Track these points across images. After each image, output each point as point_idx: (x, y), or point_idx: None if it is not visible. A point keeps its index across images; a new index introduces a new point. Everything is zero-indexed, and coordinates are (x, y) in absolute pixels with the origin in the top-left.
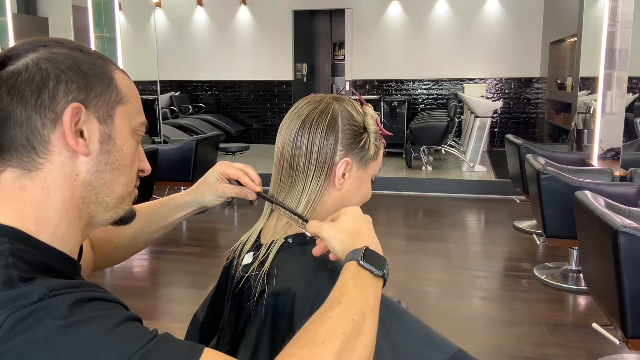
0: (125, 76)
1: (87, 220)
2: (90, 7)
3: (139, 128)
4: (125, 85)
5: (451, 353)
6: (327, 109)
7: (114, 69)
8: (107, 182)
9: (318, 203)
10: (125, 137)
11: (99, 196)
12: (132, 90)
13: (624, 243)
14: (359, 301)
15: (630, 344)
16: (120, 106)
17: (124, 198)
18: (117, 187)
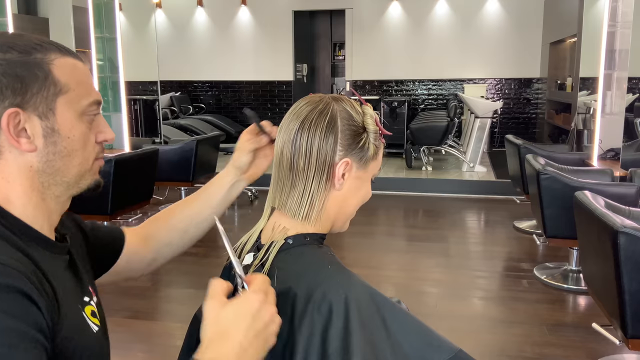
0: (67, 60)
1: (53, 198)
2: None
3: (88, 109)
4: (65, 73)
5: (451, 354)
6: (325, 109)
7: (53, 58)
8: (60, 167)
9: (321, 204)
10: (71, 124)
11: (56, 179)
12: (74, 75)
13: (623, 243)
14: None
15: (630, 343)
16: (60, 97)
17: (82, 175)
18: (71, 169)
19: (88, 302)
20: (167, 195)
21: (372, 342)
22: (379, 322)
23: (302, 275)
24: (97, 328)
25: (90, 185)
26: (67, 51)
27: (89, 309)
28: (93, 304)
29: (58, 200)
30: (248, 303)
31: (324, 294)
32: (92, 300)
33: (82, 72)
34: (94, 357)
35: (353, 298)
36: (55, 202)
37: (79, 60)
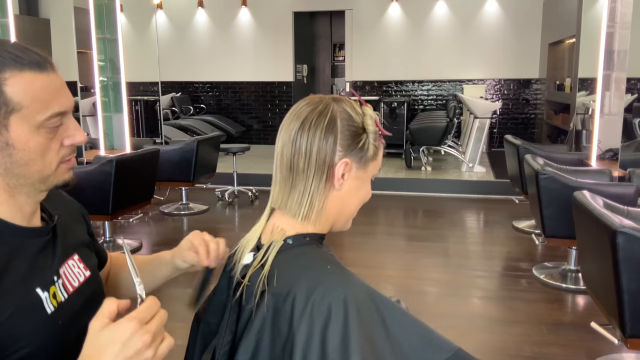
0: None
1: (23, 194)
2: (91, 8)
3: (46, 123)
4: (18, 92)
5: (451, 352)
6: (325, 110)
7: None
8: (20, 173)
9: (321, 204)
10: (25, 138)
11: (19, 181)
12: (29, 92)
13: (622, 243)
14: None
15: (629, 343)
16: (13, 115)
17: (45, 178)
18: (31, 175)
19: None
20: (168, 196)
21: (372, 342)
22: (378, 322)
23: (301, 275)
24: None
25: (58, 184)
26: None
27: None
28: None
29: (29, 196)
30: (119, 330)
31: (324, 293)
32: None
33: (41, 87)
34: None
35: (352, 298)
36: (26, 197)
37: (40, 73)
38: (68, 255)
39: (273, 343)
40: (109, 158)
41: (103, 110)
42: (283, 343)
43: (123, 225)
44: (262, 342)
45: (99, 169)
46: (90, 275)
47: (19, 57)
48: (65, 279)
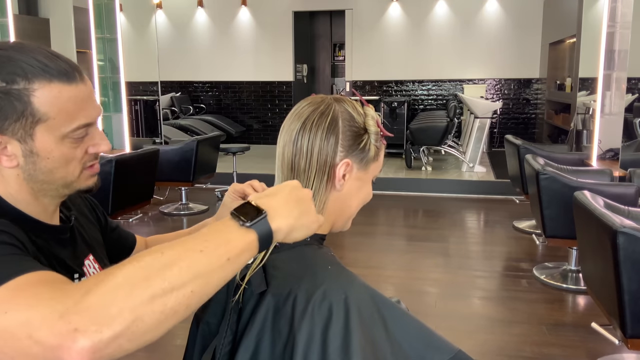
0: (52, 88)
1: (46, 197)
2: (91, 8)
3: (71, 134)
4: (45, 103)
5: (451, 354)
6: (327, 110)
7: (37, 87)
8: (43, 179)
9: (322, 204)
10: (50, 147)
11: (43, 186)
12: (56, 103)
13: (622, 243)
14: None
15: (629, 343)
16: (39, 125)
17: (68, 184)
18: (56, 181)
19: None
20: (168, 196)
21: (372, 343)
22: (379, 323)
23: (302, 276)
24: None
25: (81, 189)
26: (56, 75)
27: None
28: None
29: (52, 197)
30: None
31: (324, 294)
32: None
33: (68, 99)
34: None
35: (353, 298)
36: (50, 199)
37: (69, 84)
38: (85, 256)
39: (273, 343)
40: (108, 158)
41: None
42: (284, 344)
43: (123, 225)
44: (263, 343)
45: None
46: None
47: (48, 67)
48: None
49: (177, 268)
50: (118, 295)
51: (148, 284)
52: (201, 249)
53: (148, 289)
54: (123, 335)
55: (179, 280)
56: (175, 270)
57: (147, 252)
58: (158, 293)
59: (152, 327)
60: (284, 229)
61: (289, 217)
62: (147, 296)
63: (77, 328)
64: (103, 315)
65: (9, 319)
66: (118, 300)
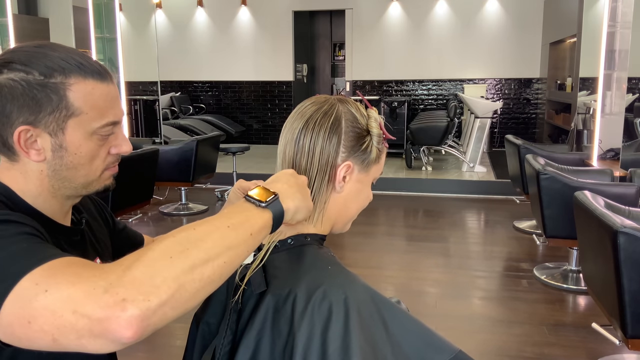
0: (87, 84)
1: (64, 197)
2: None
3: (100, 130)
4: (80, 97)
5: (451, 354)
6: (330, 110)
7: (73, 82)
8: (66, 176)
9: (323, 204)
10: (79, 142)
11: (64, 184)
12: (89, 99)
13: (623, 243)
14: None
15: (630, 343)
16: (71, 119)
17: (89, 183)
18: (77, 179)
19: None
20: (167, 196)
21: (372, 343)
22: (379, 323)
23: (302, 276)
24: None
25: (99, 189)
26: (90, 73)
27: None
28: None
29: (68, 198)
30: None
31: (324, 294)
32: None
33: (100, 96)
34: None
35: (353, 298)
36: (66, 199)
37: (101, 82)
38: (92, 259)
39: (273, 343)
40: None
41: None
42: (283, 343)
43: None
44: (263, 343)
45: None
46: None
47: (83, 65)
48: None
49: (211, 240)
50: (160, 267)
51: (187, 255)
52: (228, 225)
53: (187, 260)
54: (168, 303)
55: (214, 252)
56: (209, 242)
57: (179, 230)
58: (197, 263)
59: (192, 295)
60: (292, 209)
61: (295, 199)
62: (187, 266)
63: (125, 298)
64: (149, 285)
65: (50, 296)
66: (161, 271)
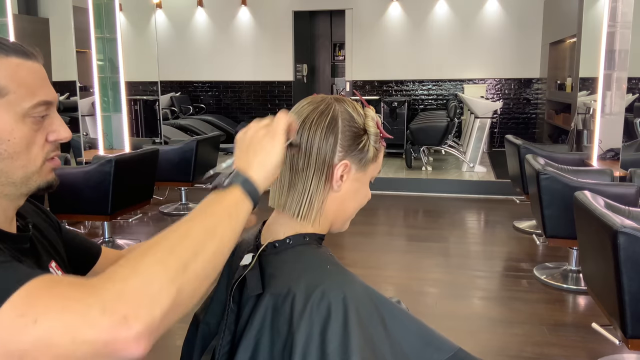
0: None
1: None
2: (90, 7)
3: (31, 111)
4: (5, 76)
5: (451, 352)
6: (327, 109)
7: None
8: (3, 168)
9: (320, 204)
10: (10, 127)
11: (1, 180)
12: (15, 76)
13: (623, 243)
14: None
15: (630, 343)
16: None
17: (28, 177)
18: (15, 171)
19: None
20: (167, 196)
21: (371, 342)
22: (378, 322)
23: (301, 275)
24: None
25: (41, 185)
26: (11, 49)
27: None
28: None
29: (9, 198)
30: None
31: (323, 293)
32: None
33: (28, 73)
34: None
35: (352, 298)
36: (7, 200)
37: (26, 59)
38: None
39: (272, 343)
40: (108, 158)
41: (102, 110)
42: (283, 343)
43: (122, 225)
44: (262, 342)
45: (98, 169)
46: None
47: (2, 44)
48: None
49: (194, 234)
50: (154, 274)
51: (176, 256)
52: (204, 214)
53: (178, 260)
54: (170, 309)
55: (200, 244)
56: (193, 236)
57: (161, 234)
58: (188, 261)
59: (191, 294)
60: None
61: (254, 158)
62: (180, 266)
63: (126, 315)
64: (147, 295)
65: (41, 327)
66: (156, 278)
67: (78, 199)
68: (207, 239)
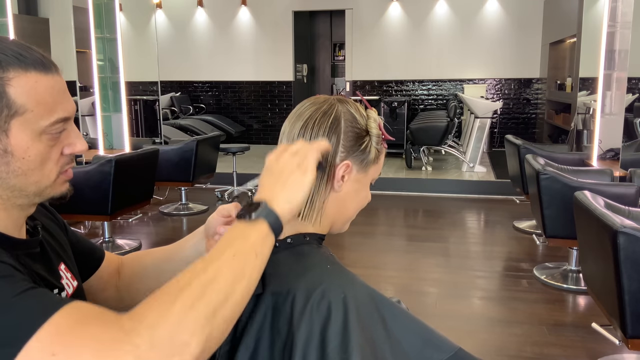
0: (29, 77)
1: (16, 207)
2: (90, 7)
3: (49, 129)
4: (23, 93)
5: (451, 352)
6: (330, 110)
7: (12, 76)
8: (15, 184)
9: (321, 204)
10: (26, 145)
11: (14, 194)
12: (34, 94)
13: (623, 243)
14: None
15: (630, 343)
16: (15, 119)
17: (41, 190)
18: (28, 187)
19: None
20: (168, 196)
21: (371, 341)
22: (378, 321)
23: (301, 275)
24: None
25: (55, 196)
26: (32, 64)
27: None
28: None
29: (22, 208)
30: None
31: (323, 293)
32: (63, 290)
33: (46, 89)
34: None
35: (352, 297)
36: (19, 210)
37: (45, 73)
38: (57, 265)
39: (273, 343)
40: (108, 158)
41: (102, 110)
42: (283, 343)
43: (122, 225)
44: (262, 342)
45: (98, 169)
46: (78, 284)
47: (22, 56)
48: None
49: (223, 278)
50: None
51: (206, 302)
52: (233, 254)
53: (208, 306)
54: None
55: (229, 288)
56: (222, 281)
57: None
58: (217, 306)
59: (220, 336)
60: (284, 204)
61: (281, 191)
62: (210, 312)
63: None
64: (179, 344)
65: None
66: (187, 325)
67: (78, 199)
68: (236, 282)
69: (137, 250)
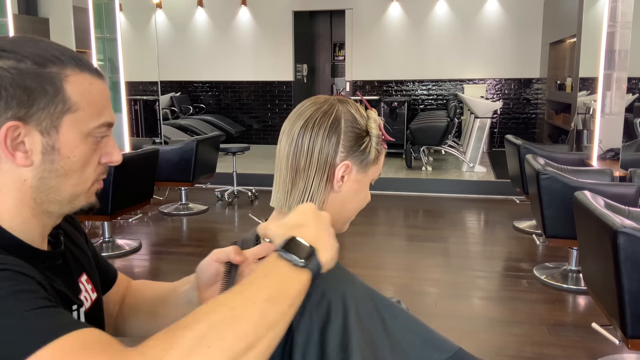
0: (84, 77)
1: (45, 214)
2: (90, 7)
3: (95, 131)
4: (78, 91)
5: (451, 352)
6: (330, 110)
7: (69, 73)
8: (53, 186)
9: (321, 204)
10: (74, 144)
11: (49, 197)
12: (87, 94)
13: (623, 243)
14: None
15: (630, 343)
16: (67, 115)
17: (76, 196)
18: (65, 189)
19: (76, 310)
20: (168, 196)
21: (371, 341)
22: (378, 321)
23: None
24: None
25: (84, 206)
26: (86, 67)
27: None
28: (82, 311)
29: (50, 216)
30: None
31: (323, 293)
32: (82, 306)
33: (98, 92)
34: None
35: (352, 297)
36: (47, 218)
37: (97, 78)
38: (78, 277)
39: None
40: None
41: None
42: (282, 342)
43: (122, 225)
44: None
45: None
46: (97, 297)
47: (78, 59)
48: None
49: (251, 323)
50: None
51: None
52: (267, 298)
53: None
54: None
55: (254, 337)
56: (248, 325)
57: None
58: (238, 353)
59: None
60: (329, 260)
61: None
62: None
63: None
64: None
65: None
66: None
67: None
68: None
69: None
